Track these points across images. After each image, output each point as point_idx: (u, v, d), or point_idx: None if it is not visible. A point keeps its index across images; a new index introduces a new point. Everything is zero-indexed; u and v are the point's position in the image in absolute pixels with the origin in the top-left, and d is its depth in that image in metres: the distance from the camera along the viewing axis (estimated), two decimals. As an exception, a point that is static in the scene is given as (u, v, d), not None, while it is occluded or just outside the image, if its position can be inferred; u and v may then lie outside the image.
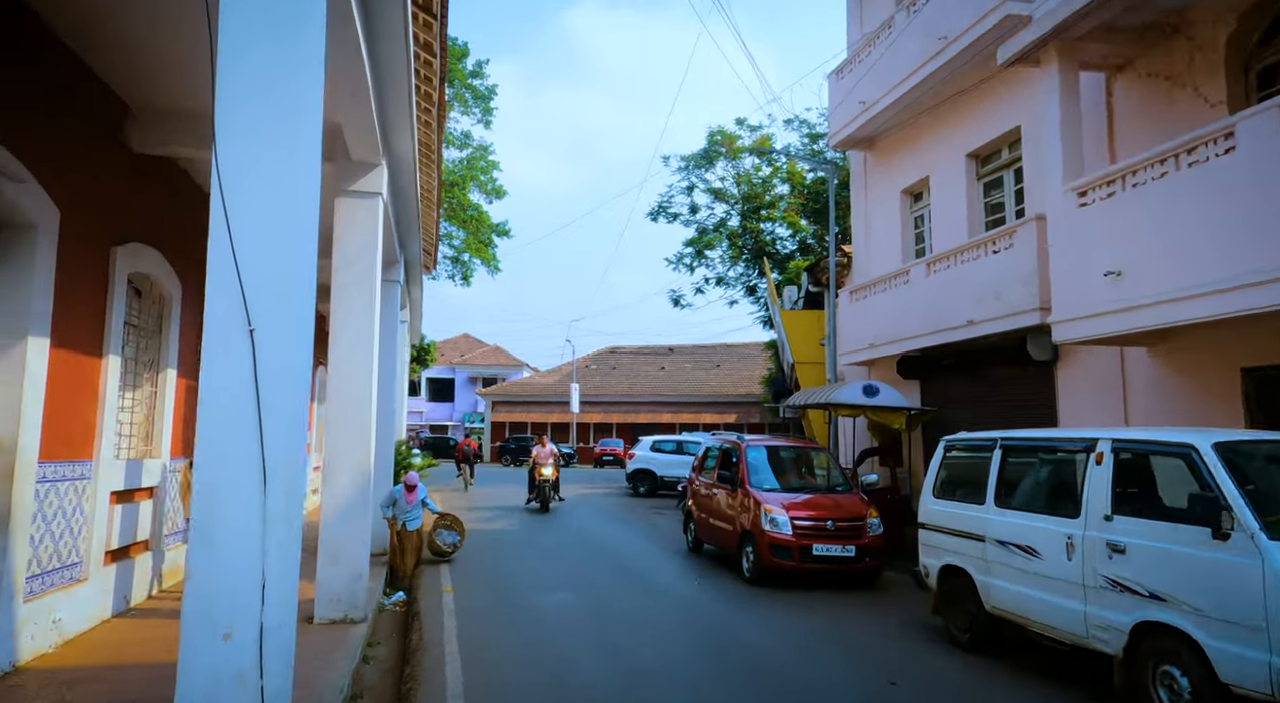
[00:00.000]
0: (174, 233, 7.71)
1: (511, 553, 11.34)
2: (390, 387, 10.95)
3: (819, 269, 15.21)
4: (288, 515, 3.14)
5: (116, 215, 6.63)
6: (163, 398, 7.88)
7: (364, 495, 7.06)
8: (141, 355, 7.69)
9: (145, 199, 7.18)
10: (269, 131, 3.27)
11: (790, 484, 9.91)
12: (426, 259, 22.63)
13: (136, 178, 6.95)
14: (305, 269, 3.37)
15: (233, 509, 3.07)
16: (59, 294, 5.64)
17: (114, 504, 6.74)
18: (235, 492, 3.08)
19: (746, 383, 45.64)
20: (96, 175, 6.28)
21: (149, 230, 7.20)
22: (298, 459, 3.29)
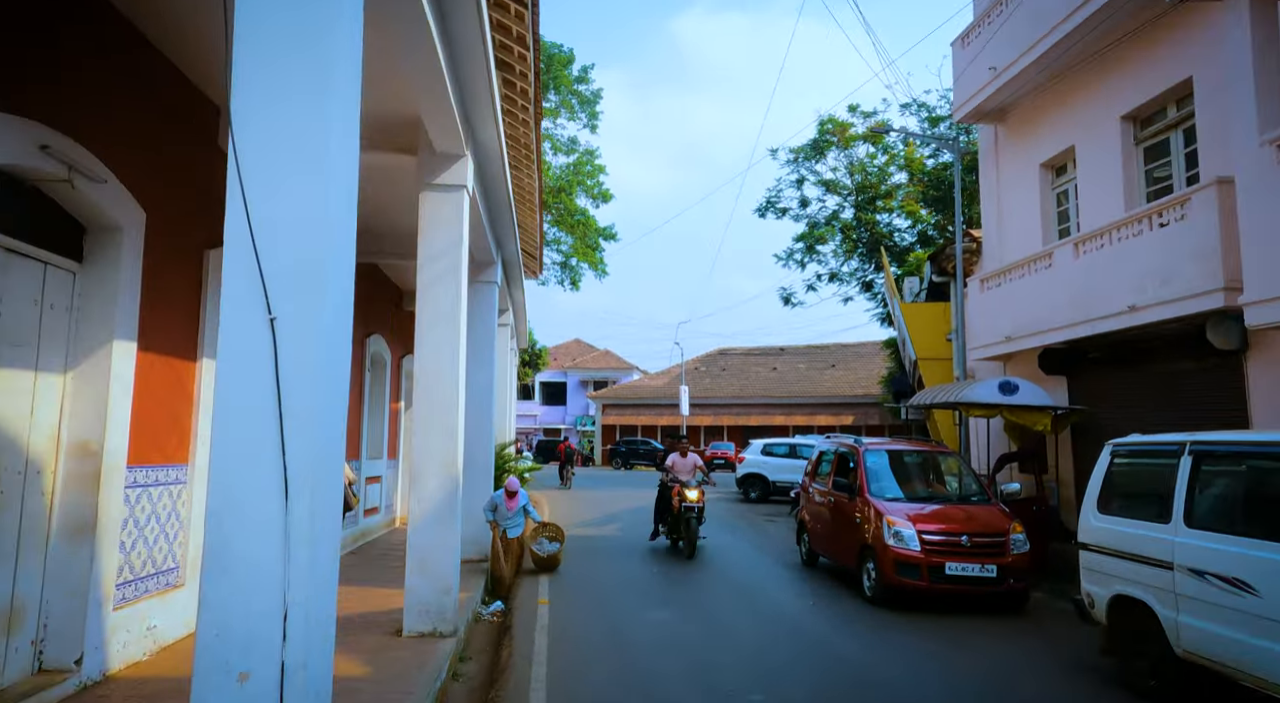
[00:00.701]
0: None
1: (612, 563, 10.84)
2: (487, 389, 10.73)
3: (944, 257, 13.88)
4: (314, 537, 2.68)
5: (209, 218, 6.61)
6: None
7: (453, 502, 6.73)
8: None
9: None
10: (294, 78, 2.83)
11: (916, 494, 8.86)
12: (530, 262, 22.74)
13: (229, 181, 6.93)
14: (339, 247, 2.92)
15: (248, 530, 2.63)
16: (147, 297, 5.58)
17: (212, 509, 6.72)
18: (250, 509, 2.65)
19: (864, 383, 43.54)
20: (187, 178, 6.26)
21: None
22: (328, 471, 2.84)
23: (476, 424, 10.71)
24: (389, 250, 10.89)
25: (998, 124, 12.57)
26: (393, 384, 13.73)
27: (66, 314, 5.11)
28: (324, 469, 2.80)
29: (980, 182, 13.39)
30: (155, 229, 5.63)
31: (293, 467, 2.68)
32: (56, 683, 4.76)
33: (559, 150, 35.15)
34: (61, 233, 5.06)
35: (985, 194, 13.09)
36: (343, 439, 3.04)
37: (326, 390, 2.81)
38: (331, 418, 2.87)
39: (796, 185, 29.01)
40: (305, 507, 2.68)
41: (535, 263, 23.27)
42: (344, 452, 3.08)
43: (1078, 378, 10.73)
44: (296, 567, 2.64)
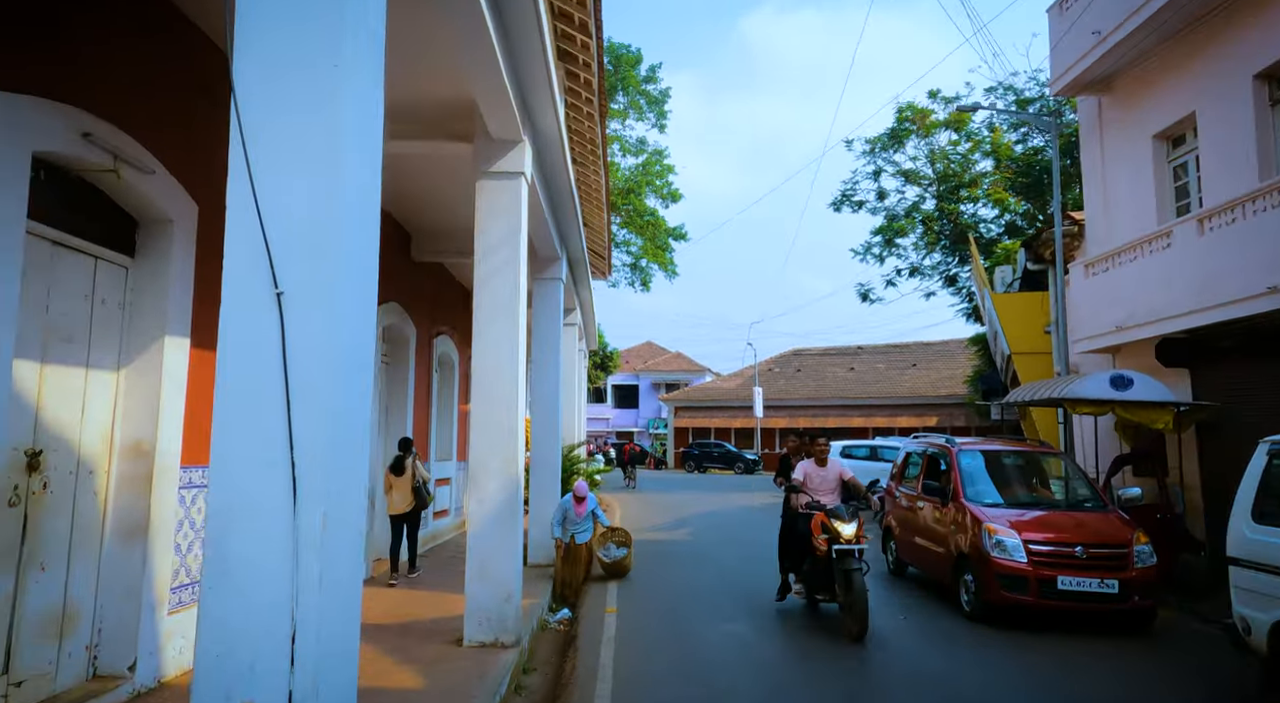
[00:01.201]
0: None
1: (683, 568, 10.32)
2: (553, 388, 10.43)
3: (1041, 242, 12.81)
4: (324, 544, 2.31)
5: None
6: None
7: (514, 504, 6.37)
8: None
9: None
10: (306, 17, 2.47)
11: (1018, 498, 8.01)
12: (598, 262, 22.47)
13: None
14: (360, 211, 2.55)
15: (250, 537, 2.28)
16: (200, 291, 5.43)
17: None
18: (254, 513, 2.30)
19: (948, 383, 41.60)
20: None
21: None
22: (346, 469, 2.47)
23: (543, 424, 10.42)
24: (454, 249, 10.73)
25: (1101, 95, 11.48)
26: (461, 385, 13.62)
27: (119, 310, 4.99)
28: (342, 468, 2.43)
29: (1082, 159, 12.28)
30: (207, 221, 5.48)
31: (302, 465, 2.31)
32: (110, 690, 4.62)
33: (628, 151, 34.97)
34: (114, 226, 4.94)
35: (1088, 172, 11.99)
36: (366, 434, 2.67)
37: (343, 378, 2.44)
38: (350, 409, 2.50)
39: (873, 177, 27.86)
40: (316, 512, 2.31)
41: (604, 263, 23.01)
42: (367, 449, 2.71)
43: (1203, 371, 9.59)
44: (306, 581, 2.27)
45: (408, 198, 9.33)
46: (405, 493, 8.52)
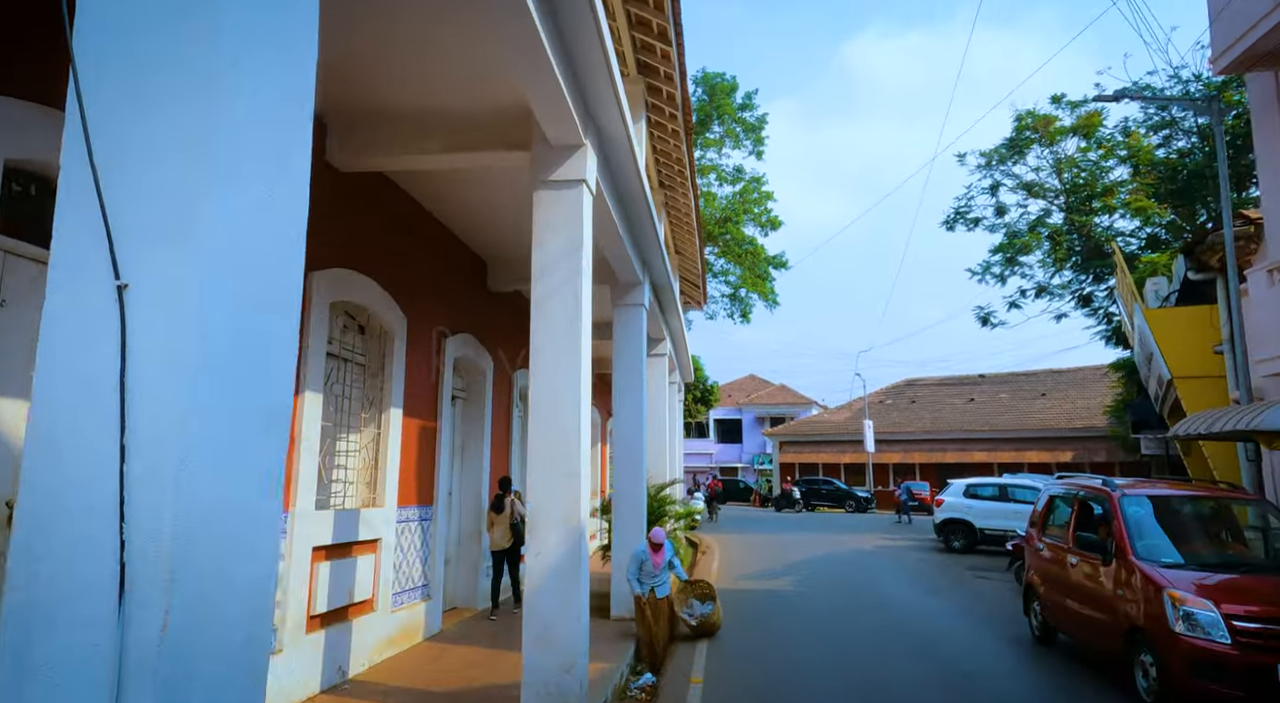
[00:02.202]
0: (386, 255, 7.09)
1: (781, 629, 9.07)
2: (636, 421, 9.57)
3: (1205, 247, 10.93)
4: (164, 644, 1.50)
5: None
6: (386, 441, 7.22)
7: (577, 558, 5.51)
8: (362, 395, 7.11)
9: (349, 220, 6.58)
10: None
11: (1205, 558, 6.37)
12: (692, 291, 21.66)
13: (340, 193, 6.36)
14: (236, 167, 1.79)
15: (64, 626, 1.51)
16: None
17: (319, 562, 6.00)
18: (66, 584, 1.52)
19: (1083, 414, 37.86)
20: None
21: (356, 256, 6.59)
22: (223, 539, 1.67)
23: (626, 461, 9.57)
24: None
25: (1279, 69, 9.68)
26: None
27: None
28: (214, 549, 1.63)
29: (1257, 146, 10.40)
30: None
31: (135, 517, 1.53)
32: None
33: (724, 180, 34.32)
34: None
35: (1267, 163, 10.11)
36: (276, 486, 1.87)
37: (212, 399, 1.65)
38: (239, 447, 1.71)
39: (990, 192, 25.80)
40: (158, 604, 1.51)
41: (698, 292, 22.17)
42: (279, 506, 1.92)
43: None
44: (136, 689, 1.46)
45: (480, 225, 8.85)
46: (504, 530, 8.94)
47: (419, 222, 7.90)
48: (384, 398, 7.28)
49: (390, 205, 7.29)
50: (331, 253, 6.18)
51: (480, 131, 6.13)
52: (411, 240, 7.74)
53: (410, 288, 7.63)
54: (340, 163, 6.26)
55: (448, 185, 7.63)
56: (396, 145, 6.16)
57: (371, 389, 7.22)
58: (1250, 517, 6.93)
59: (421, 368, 8.02)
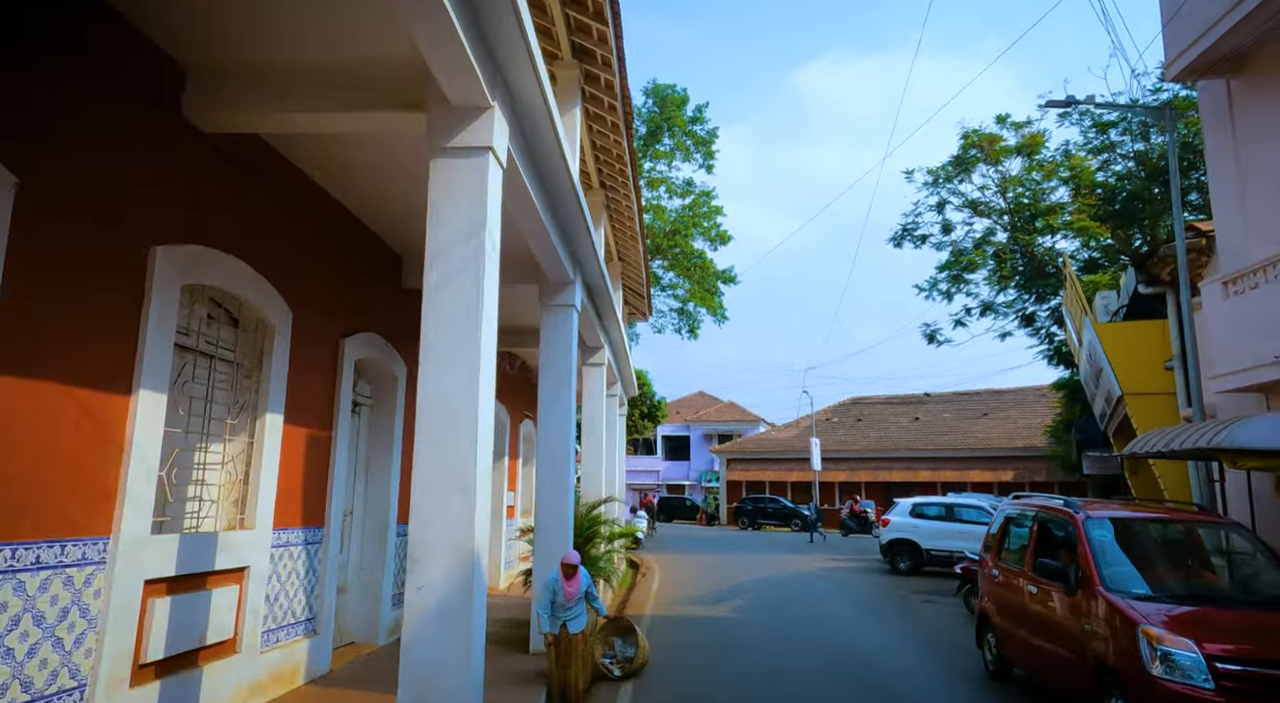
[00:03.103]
0: (264, 236, 6.11)
1: (718, 666, 8.22)
2: (561, 434, 8.70)
3: (1156, 260, 10.64)
4: None
5: (150, 203, 5.00)
6: (260, 453, 6.18)
7: (468, 593, 4.59)
8: (231, 398, 6.07)
9: (212, 189, 5.59)
10: None
11: (1177, 589, 5.78)
12: (636, 300, 20.90)
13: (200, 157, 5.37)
14: None
15: None
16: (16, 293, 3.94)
17: (156, 598, 4.94)
18: None
19: (1025, 434, 38.34)
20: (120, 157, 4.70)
21: (221, 232, 5.59)
22: None
23: (551, 476, 8.68)
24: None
25: (1232, 76, 9.43)
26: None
27: None
28: None
29: (1209, 158, 10.16)
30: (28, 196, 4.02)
31: None
32: None
33: (674, 193, 33.88)
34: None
35: (1217, 172, 9.86)
36: None
37: None
38: None
39: (937, 209, 25.82)
40: None
41: (643, 302, 21.42)
42: None
43: None
44: None
45: (394, 214, 7.91)
46: None
47: (312, 200, 6.92)
48: (260, 402, 6.24)
49: (273, 178, 6.30)
50: (183, 225, 5.18)
51: (368, 88, 5.23)
52: (302, 221, 6.76)
53: (298, 276, 6.64)
54: (204, 121, 5.28)
55: (347, 160, 6.69)
56: (267, 101, 5.21)
57: (244, 392, 6.19)
58: (1228, 544, 6.39)
59: (312, 369, 7.01)
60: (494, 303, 5.17)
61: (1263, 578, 5.81)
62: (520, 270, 9.06)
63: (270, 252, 6.18)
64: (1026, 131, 23.96)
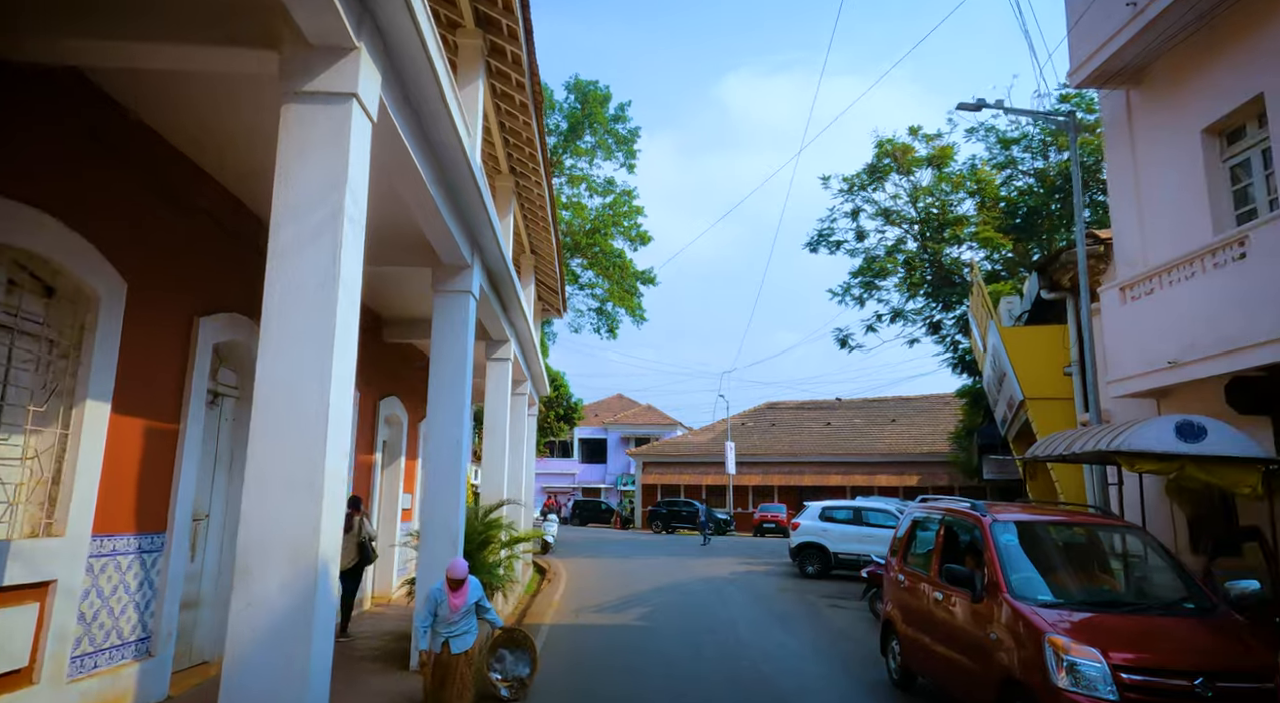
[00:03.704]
0: (85, 191, 5.21)
1: (619, 682, 7.72)
2: (452, 430, 8.00)
3: (1058, 266, 10.80)
4: None
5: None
6: (76, 446, 5.26)
7: (308, 610, 3.89)
8: (36, 381, 5.13)
9: (25, 134, 4.69)
10: None
11: (1087, 596, 5.62)
12: (550, 296, 20.24)
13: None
14: None
15: None
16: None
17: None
18: None
19: (929, 440, 39.64)
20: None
21: (30, 183, 4.69)
22: None
23: (439, 476, 7.97)
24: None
25: (1132, 87, 9.64)
26: (362, 428, 11.11)
27: None
28: None
29: (1108, 167, 10.38)
30: None
31: None
32: None
33: (595, 191, 33.38)
34: None
35: (1116, 182, 10.08)
36: None
37: None
38: None
39: (851, 217, 26.24)
40: None
41: (557, 299, 20.76)
42: None
43: (1291, 416, 7.47)
44: None
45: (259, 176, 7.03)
46: (351, 549, 8.92)
47: (157, 155, 5.99)
48: (79, 387, 5.32)
49: (107, 127, 5.40)
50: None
51: (208, 17, 4.45)
52: (140, 179, 5.83)
53: (137, 244, 5.74)
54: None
55: (198, 109, 5.81)
56: (73, 25, 4.37)
57: (58, 375, 5.25)
58: (1132, 549, 6.30)
59: (154, 352, 6.09)
60: (356, 276, 4.48)
61: (1161, 581, 5.74)
62: (410, 251, 8.32)
63: (97, 211, 5.28)
64: (937, 144, 24.64)
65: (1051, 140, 24.16)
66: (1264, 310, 7.00)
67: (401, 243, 8.29)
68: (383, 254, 8.43)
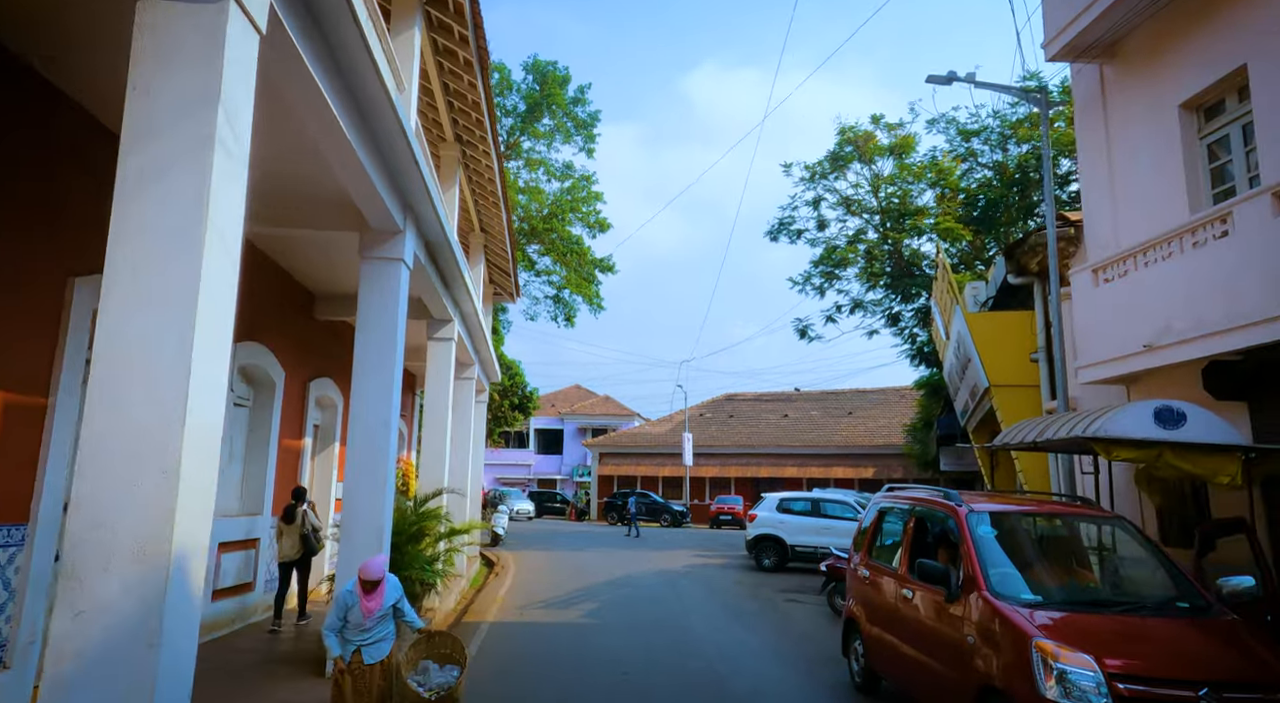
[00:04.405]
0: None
1: (556, 685, 7.06)
2: (381, 409, 7.24)
3: (1025, 249, 10.42)
4: None
5: None
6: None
7: (153, 620, 3.13)
8: None
9: None
10: None
11: (1069, 594, 5.12)
12: (502, 278, 19.39)
13: None
14: None
15: None
16: None
17: None
18: None
19: (885, 433, 39.78)
20: None
21: None
22: None
23: (363, 464, 7.19)
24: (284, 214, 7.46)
25: (1106, 62, 9.26)
26: (288, 411, 10.22)
27: None
28: None
29: (1080, 147, 10.01)
30: None
31: None
32: None
33: (553, 175, 32.51)
34: None
35: (1088, 160, 9.71)
36: None
37: None
38: None
39: (812, 205, 25.86)
40: None
41: (509, 282, 19.89)
42: None
43: (1269, 404, 7.12)
44: None
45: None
46: (295, 540, 8.92)
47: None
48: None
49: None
50: None
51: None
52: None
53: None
54: None
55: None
56: None
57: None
58: (1118, 543, 5.83)
59: (13, 316, 5.21)
60: (235, 222, 3.70)
61: (1151, 578, 5.27)
62: (334, 212, 7.49)
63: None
64: (899, 133, 24.41)
65: (1011, 133, 24.10)
66: (1246, 291, 6.63)
67: (324, 203, 7.46)
68: (303, 215, 7.57)
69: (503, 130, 31.45)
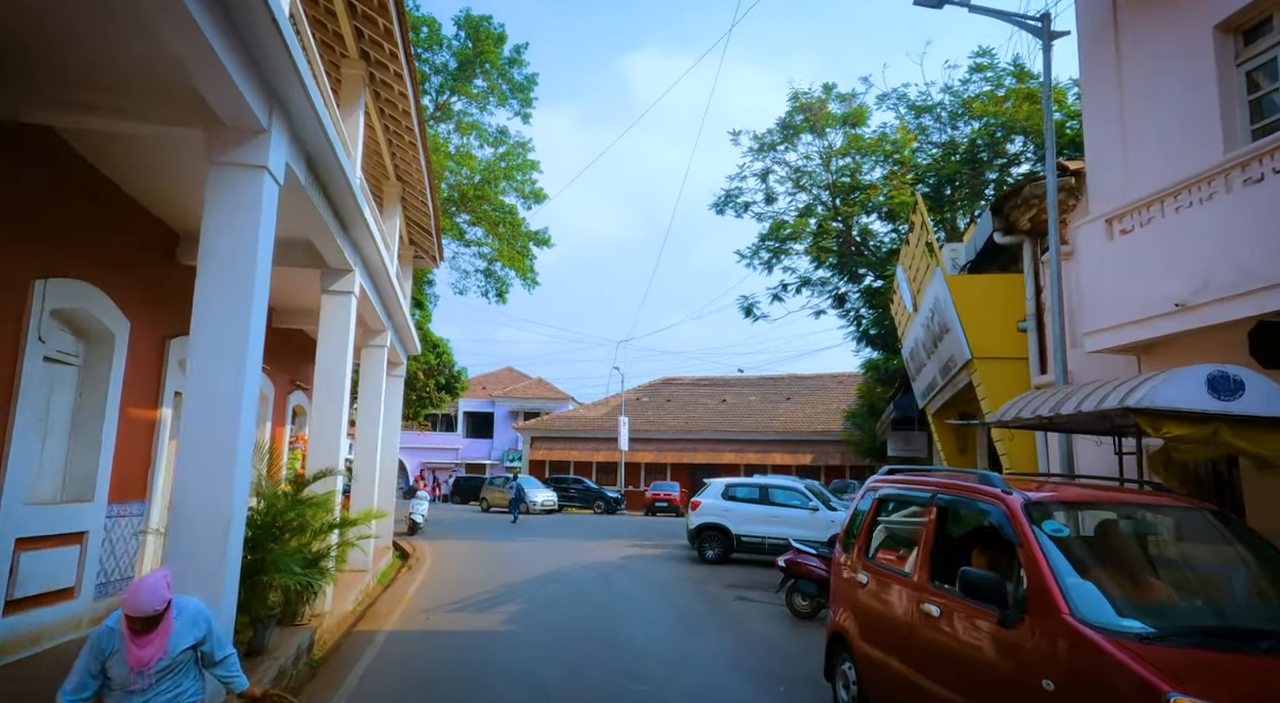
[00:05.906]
0: None
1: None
2: (231, 373, 5.39)
3: (1017, 203, 9.19)
4: None
5: None
6: None
7: None
8: None
9: None
10: None
11: (1191, 621, 3.67)
12: (423, 238, 17.35)
13: None
14: None
15: None
16: None
17: None
18: None
19: (823, 419, 39.25)
20: None
21: None
22: None
23: (201, 438, 5.35)
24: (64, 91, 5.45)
25: (1122, -18, 8.05)
26: (136, 373, 8.15)
27: None
28: None
29: (1085, 87, 8.81)
30: None
31: None
32: None
33: (486, 141, 30.30)
34: None
35: (1095, 103, 8.51)
36: None
37: None
38: None
39: (761, 178, 24.57)
40: None
41: (431, 242, 17.87)
42: None
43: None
44: None
45: None
46: None
47: None
48: None
49: None
50: None
51: None
52: None
53: None
54: None
55: None
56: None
57: None
58: (1199, 538, 4.46)
59: None
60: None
61: (1272, 591, 3.94)
62: (171, 102, 5.54)
63: None
64: (853, 104, 23.31)
65: (965, 109, 23.29)
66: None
67: (157, 88, 5.49)
68: (131, 105, 5.58)
69: (431, 88, 29.00)
